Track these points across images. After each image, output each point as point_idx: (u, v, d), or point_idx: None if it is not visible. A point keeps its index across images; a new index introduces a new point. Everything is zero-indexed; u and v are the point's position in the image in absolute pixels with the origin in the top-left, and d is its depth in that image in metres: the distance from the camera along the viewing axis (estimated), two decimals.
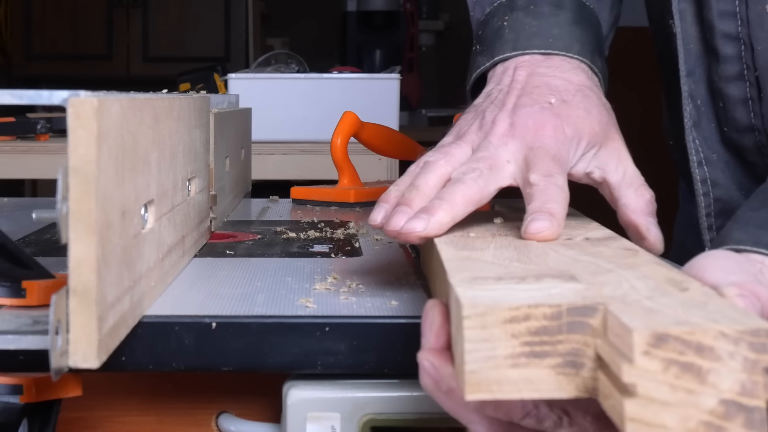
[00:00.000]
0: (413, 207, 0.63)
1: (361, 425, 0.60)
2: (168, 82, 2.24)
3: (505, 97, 0.72)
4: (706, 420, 0.38)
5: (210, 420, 0.68)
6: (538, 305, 0.41)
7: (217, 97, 1.06)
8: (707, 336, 0.38)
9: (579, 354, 0.41)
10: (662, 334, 0.38)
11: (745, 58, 0.81)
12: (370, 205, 1.20)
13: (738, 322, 0.39)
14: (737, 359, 0.38)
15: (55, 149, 1.95)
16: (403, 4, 4.10)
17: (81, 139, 0.47)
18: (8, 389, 0.59)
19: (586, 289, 0.44)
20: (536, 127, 0.68)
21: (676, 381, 0.38)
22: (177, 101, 0.71)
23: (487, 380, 0.41)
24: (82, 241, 0.47)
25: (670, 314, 0.40)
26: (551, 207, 0.61)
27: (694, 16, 0.84)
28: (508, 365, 0.41)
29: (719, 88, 0.83)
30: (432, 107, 4.13)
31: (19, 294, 0.60)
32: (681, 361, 0.38)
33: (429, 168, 0.66)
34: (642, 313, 0.40)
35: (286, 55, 2.47)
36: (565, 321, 0.41)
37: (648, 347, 0.38)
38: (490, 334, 0.41)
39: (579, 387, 0.41)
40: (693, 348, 0.38)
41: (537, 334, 0.41)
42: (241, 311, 0.61)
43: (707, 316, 0.40)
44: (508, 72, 0.76)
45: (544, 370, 0.41)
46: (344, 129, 1.22)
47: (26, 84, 4.33)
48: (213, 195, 0.91)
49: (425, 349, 0.48)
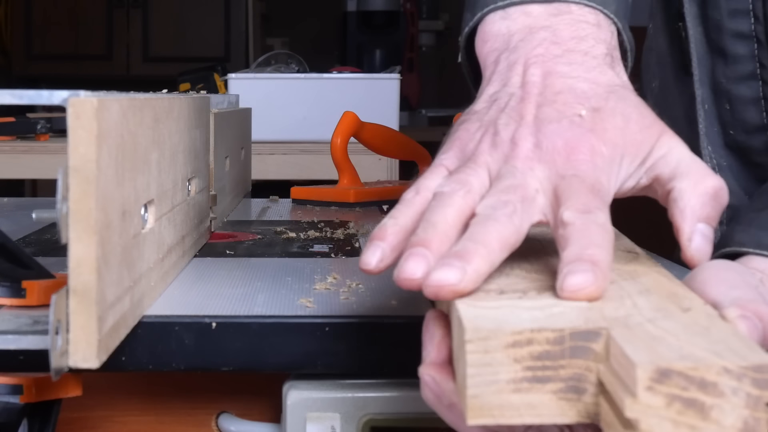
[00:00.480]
0: (432, 250, 0.48)
1: (361, 425, 0.60)
2: (168, 82, 2.24)
3: (520, 104, 0.57)
4: None
5: (210, 420, 0.68)
6: (541, 329, 0.41)
7: (217, 97, 1.06)
8: (711, 372, 0.38)
9: (581, 379, 0.41)
10: (666, 369, 0.37)
11: (759, 56, 0.80)
12: (370, 205, 1.20)
13: (741, 357, 0.38)
14: (740, 395, 0.38)
15: (55, 149, 1.95)
16: (403, 4, 4.10)
17: (81, 139, 0.47)
18: (8, 389, 0.59)
19: (589, 309, 0.44)
20: (568, 150, 0.53)
21: (678, 417, 0.38)
22: (177, 101, 0.71)
23: (489, 405, 0.41)
24: (82, 241, 0.47)
25: (674, 344, 0.40)
26: (593, 253, 0.47)
27: (697, 16, 0.82)
28: (510, 390, 0.41)
29: (726, 89, 0.82)
30: (432, 107, 4.13)
31: (19, 294, 0.60)
32: (684, 396, 0.38)
33: (445, 201, 0.52)
34: (645, 341, 0.40)
35: (286, 55, 2.47)
36: (568, 346, 0.41)
37: (651, 383, 0.37)
38: (493, 358, 0.41)
39: (581, 412, 0.41)
40: (696, 384, 0.38)
41: (540, 359, 0.41)
42: (241, 311, 0.61)
43: (710, 348, 0.39)
44: (515, 69, 0.59)
45: (546, 395, 0.41)
46: (344, 129, 1.22)
47: (26, 84, 4.33)
48: (213, 195, 0.91)
49: (426, 363, 0.47)
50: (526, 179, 0.52)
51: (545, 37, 0.59)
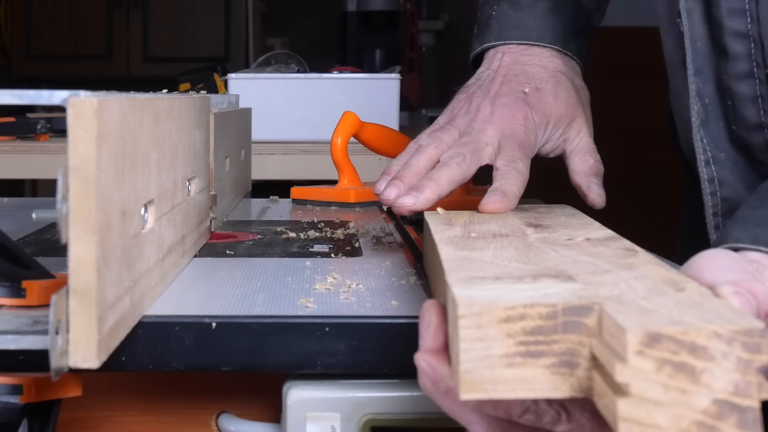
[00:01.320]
0: (404, 183, 0.77)
1: (361, 425, 0.60)
2: (168, 82, 2.24)
3: (491, 83, 0.86)
4: (699, 420, 0.38)
5: (210, 420, 0.68)
6: (533, 305, 0.41)
7: (217, 97, 1.06)
8: (701, 336, 0.38)
9: (574, 354, 0.41)
10: (656, 333, 0.38)
11: (755, 55, 0.81)
12: (370, 205, 1.20)
13: (732, 322, 0.39)
14: (731, 359, 0.38)
15: (55, 149, 1.94)
16: (403, 4, 4.09)
17: (81, 139, 0.47)
18: (8, 389, 0.59)
19: (583, 289, 0.44)
20: (510, 117, 0.82)
21: (669, 381, 0.38)
22: (177, 101, 0.71)
23: (482, 380, 0.41)
24: (82, 241, 0.47)
25: (665, 314, 0.40)
26: (506, 187, 0.75)
27: (702, 14, 0.83)
28: (503, 365, 0.41)
29: (728, 86, 0.83)
30: (432, 107, 4.12)
31: (19, 294, 0.60)
32: (674, 360, 0.38)
33: (421, 151, 0.81)
34: (637, 312, 0.40)
35: (286, 55, 2.47)
36: (561, 321, 0.41)
37: (641, 347, 0.38)
38: (486, 333, 0.41)
39: (574, 387, 0.41)
40: (686, 348, 0.38)
41: (532, 334, 0.41)
42: (241, 311, 0.61)
43: (702, 316, 0.40)
44: (497, 56, 0.90)
45: (539, 369, 0.41)
46: (344, 129, 1.21)
47: (26, 84, 4.33)
48: (213, 195, 0.91)
49: (422, 350, 0.48)
50: (479, 137, 0.80)
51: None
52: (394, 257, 0.82)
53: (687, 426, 0.38)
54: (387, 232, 0.98)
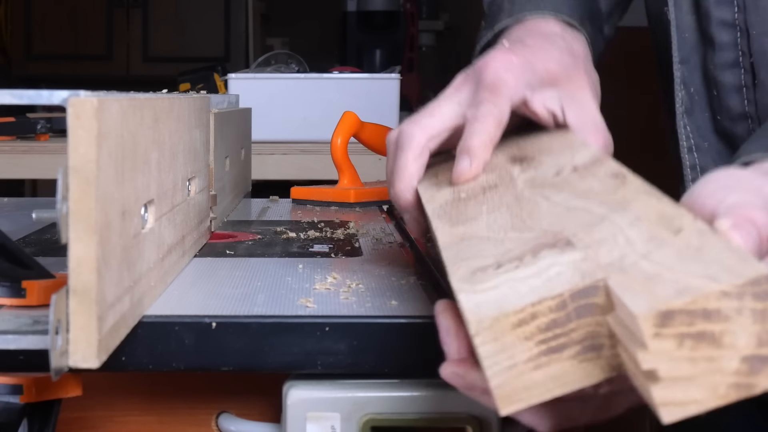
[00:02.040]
0: None
1: (361, 425, 0.60)
2: (168, 82, 2.24)
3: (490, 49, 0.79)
4: (734, 382, 0.37)
5: (210, 420, 0.68)
6: (541, 301, 0.41)
7: (217, 97, 1.06)
8: (710, 300, 0.37)
9: (595, 336, 0.41)
10: (666, 311, 0.37)
11: (740, 44, 0.82)
12: (370, 205, 1.20)
13: (737, 275, 0.37)
14: (745, 314, 0.37)
15: (55, 149, 1.94)
16: (403, 4, 4.09)
17: (81, 139, 0.47)
18: (8, 389, 0.59)
19: (583, 260, 0.44)
20: (483, 65, 0.71)
21: (693, 353, 0.37)
22: (177, 101, 0.71)
23: (516, 390, 0.41)
24: (82, 241, 0.47)
25: (669, 279, 0.39)
26: (470, 144, 0.66)
27: (691, 5, 0.85)
28: (530, 369, 0.41)
29: (714, 76, 0.84)
30: None
31: (19, 294, 0.60)
32: (692, 332, 0.37)
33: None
34: (641, 284, 0.40)
35: (286, 55, 2.47)
36: (572, 308, 0.41)
37: (656, 329, 0.37)
38: (504, 343, 0.41)
39: (605, 368, 0.41)
40: (700, 316, 0.37)
41: (549, 330, 0.41)
42: (241, 311, 0.61)
43: (705, 271, 0.39)
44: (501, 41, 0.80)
45: (566, 362, 0.41)
46: (344, 129, 1.22)
47: (26, 84, 4.33)
48: (213, 195, 0.91)
49: (448, 361, 0.47)
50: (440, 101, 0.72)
51: None
52: (394, 257, 0.82)
53: (725, 392, 0.37)
54: (387, 232, 0.98)
